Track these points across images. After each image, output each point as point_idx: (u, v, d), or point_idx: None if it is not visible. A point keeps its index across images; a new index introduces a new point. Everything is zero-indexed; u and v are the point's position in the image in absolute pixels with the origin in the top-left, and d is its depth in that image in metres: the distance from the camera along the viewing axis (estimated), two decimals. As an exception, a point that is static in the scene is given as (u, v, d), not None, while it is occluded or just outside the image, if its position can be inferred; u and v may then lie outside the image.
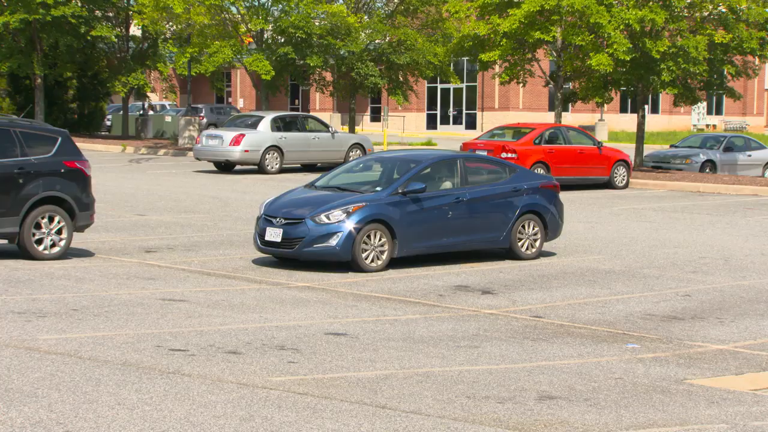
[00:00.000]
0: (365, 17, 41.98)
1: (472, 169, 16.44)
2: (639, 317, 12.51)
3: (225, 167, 33.06)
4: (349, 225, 14.83)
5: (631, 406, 8.59)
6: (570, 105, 47.10)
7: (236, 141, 31.99)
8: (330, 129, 34.61)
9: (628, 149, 38.32)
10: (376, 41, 41.52)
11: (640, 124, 37.93)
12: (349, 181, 16.49)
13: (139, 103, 55.98)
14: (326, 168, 32.38)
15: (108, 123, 52.85)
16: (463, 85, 62.82)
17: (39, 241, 15.14)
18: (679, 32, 34.99)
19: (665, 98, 65.13)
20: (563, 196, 19.07)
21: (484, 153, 27.23)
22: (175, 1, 37.91)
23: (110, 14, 45.58)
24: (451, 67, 43.88)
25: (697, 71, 34.46)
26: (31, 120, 16.90)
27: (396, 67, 41.52)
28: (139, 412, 7.70)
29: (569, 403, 8.60)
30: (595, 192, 29.56)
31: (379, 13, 42.34)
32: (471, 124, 63.37)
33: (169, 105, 60.50)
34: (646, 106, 39.50)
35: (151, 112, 52.29)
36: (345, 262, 14.99)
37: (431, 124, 65.16)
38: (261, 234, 15.24)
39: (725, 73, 37.25)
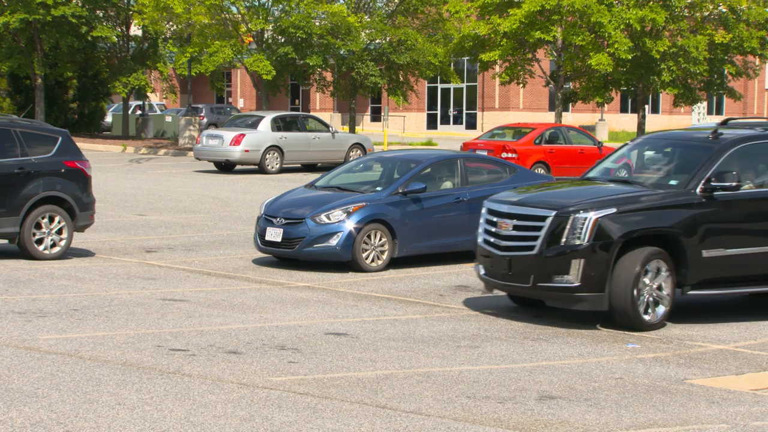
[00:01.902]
0: (365, 17, 42.00)
1: (472, 169, 16.44)
2: (639, 317, 12.50)
3: (225, 167, 33.07)
4: (350, 225, 14.83)
5: (631, 406, 8.59)
6: (570, 105, 47.12)
7: (236, 141, 32.00)
8: (330, 129, 34.61)
9: (629, 149, 38.24)
10: (377, 41, 41.53)
11: (641, 124, 37.93)
12: (350, 181, 16.49)
13: (132, 103, 55.90)
14: (326, 168, 32.40)
15: (104, 123, 52.73)
16: (464, 85, 62.80)
17: (39, 241, 15.14)
18: (679, 32, 35.00)
19: (665, 98, 65.15)
20: (563, 196, 19.02)
21: (485, 153, 27.24)
22: (175, 1, 37.92)
23: (111, 14, 45.60)
24: (452, 67, 43.88)
25: (698, 71, 34.47)
26: (31, 120, 16.90)
27: (396, 67, 41.53)
28: (140, 412, 7.70)
29: (570, 403, 8.60)
30: (595, 192, 29.50)
31: (380, 12, 42.35)
32: (471, 124, 63.35)
33: (157, 105, 60.11)
34: (646, 106, 39.50)
35: (139, 112, 52.24)
36: (345, 262, 14.99)
37: (431, 124, 65.14)
38: (261, 234, 15.24)
39: (725, 73, 37.25)
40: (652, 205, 11.61)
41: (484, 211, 12.37)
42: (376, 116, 65.50)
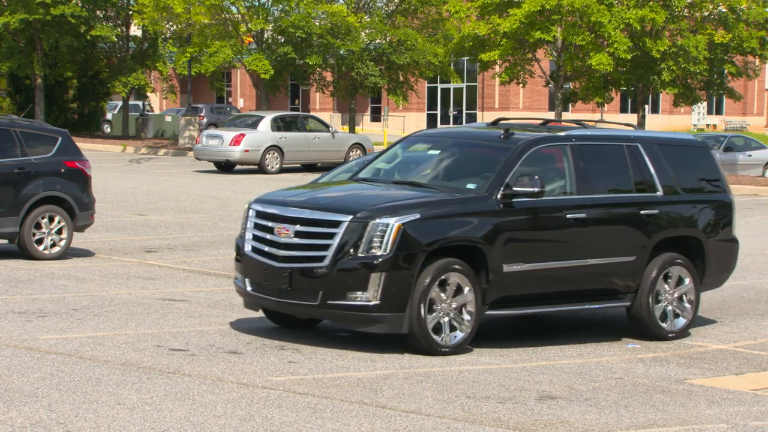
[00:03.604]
0: (365, 17, 42.01)
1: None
2: (639, 317, 12.50)
3: (225, 167, 33.07)
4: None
5: (631, 406, 8.59)
6: (570, 105, 47.16)
7: (236, 141, 32.02)
8: (330, 129, 34.63)
9: (629, 149, 38.26)
10: (376, 41, 41.55)
11: (641, 124, 37.95)
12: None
13: (116, 103, 55.89)
14: (326, 168, 32.41)
15: (106, 126, 52.63)
16: (464, 85, 62.82)
17: (39, 241, 15.14)
18: (679, 32, 35.02)
19: (665, 98, 65.16)
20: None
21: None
22: (175, 1, 37.93)
23: (110, 14, 45.61)
24: (452, 67, 43.90)
25: (698, 71, 34.49)
26: (31, 120, 16.91)
27: (396, 67, 41.55)
28: (140, 412, 7.70)
29: (569, 402, 8.60)
30: (595, 192, 29.49)
31: (380, 12, 42.37)
32: (471, 124, 63.30)
33: (142, 105, 59.79)
34: (646, 106, 39.55)
35: (117, 111, 52.18)
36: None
37: (431, 124, 65.13)
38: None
39: (725, 72, 37.28)
40: (455, 211, 10.13)
41: (251, 213, 10.43)
42: (376, 116, 65.53)
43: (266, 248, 10.17)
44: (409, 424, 7.76)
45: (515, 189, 10.29)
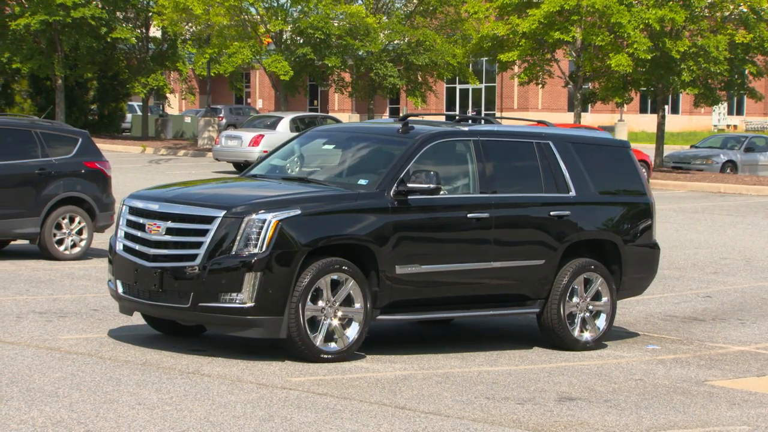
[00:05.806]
0: (384, 18, 42.02)
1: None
2: (659, 318, 12.47)
3: (244, 168, 33.11)
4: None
5: (651, 408, 8.56)
6: (590, 105, 47.03)
7: (255, 142, 32.08)
8: (349, 129, 34.61)
9: (648, 149, 38.18)
10: (395, 42, 41.55)
11: (660, 125, 37.80)
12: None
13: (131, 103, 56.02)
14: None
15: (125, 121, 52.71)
16: (482, 86, 62.71)
17: (60, 242, 15.22)
18: (699, 32, 34.87)
19: (685, 98, 64.88)
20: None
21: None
22: (194, 2, 38.05)
23: (130, 15, 45.81)
24: (470, 68, 43.85)
25: (718, 71, 34.33)
26: (51, 121, 16.99)
27: (415, 68, 41.54)
28: (160, 412, 7.72)
29: (589, 404, 8.58)
30: (614, 192, 29.38)
31: (398, 13, 42.38)
32: (490, 125, 63.15)
33: (137, 105, 59.44)
34: (666, 107, 39.38)
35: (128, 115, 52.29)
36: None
37: (450, 124, 65.03)
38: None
39: (746, 73, 37.10)
40: (342, 208, 9.52)
41: (124, 210, 9.82)
42: (394, 117, 65.56)
43: (137, 246, 9.54)
44: (428, 425, 7.75)
45: (410, 185, 9.64)
